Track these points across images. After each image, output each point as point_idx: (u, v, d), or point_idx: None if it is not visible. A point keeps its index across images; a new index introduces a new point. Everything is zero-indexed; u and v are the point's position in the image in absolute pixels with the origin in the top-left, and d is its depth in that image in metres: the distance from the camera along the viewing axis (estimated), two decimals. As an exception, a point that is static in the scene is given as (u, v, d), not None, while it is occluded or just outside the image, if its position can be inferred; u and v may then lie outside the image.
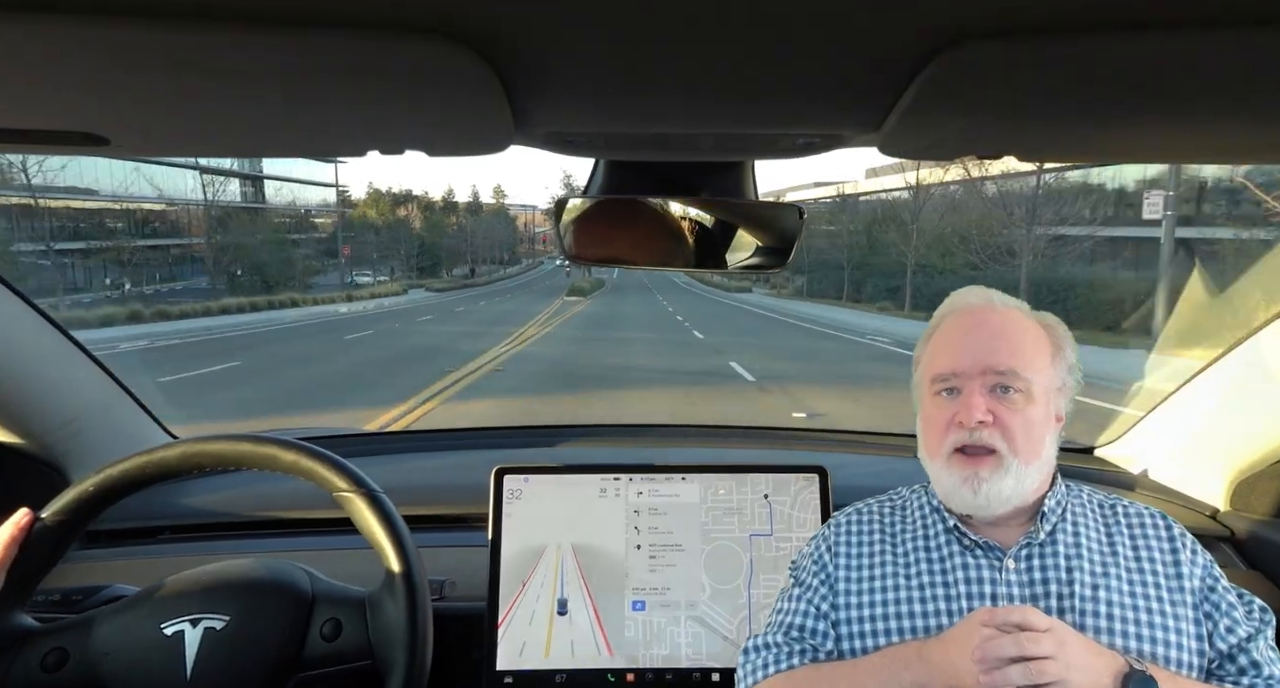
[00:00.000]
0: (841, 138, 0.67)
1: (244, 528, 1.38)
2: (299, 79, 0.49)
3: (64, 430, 1.28)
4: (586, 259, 0.90)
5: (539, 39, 0.44)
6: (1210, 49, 0.43)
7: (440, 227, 66.84)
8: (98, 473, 0.86)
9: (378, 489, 0.87)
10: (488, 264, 71.88)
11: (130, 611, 0.86)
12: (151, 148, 0.73)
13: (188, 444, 0.89)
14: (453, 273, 60.78)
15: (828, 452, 1.64)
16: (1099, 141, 0.66)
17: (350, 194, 68.21)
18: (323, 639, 0.85)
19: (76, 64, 0.46)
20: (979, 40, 0.42)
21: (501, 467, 1.25)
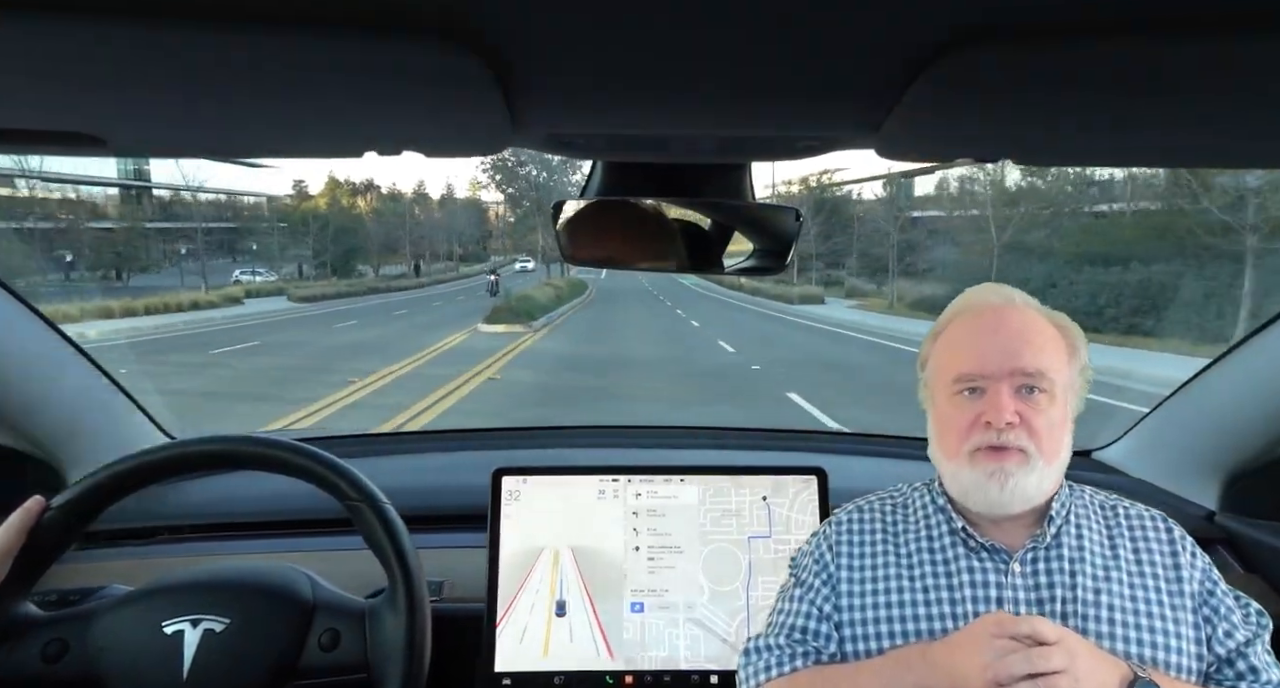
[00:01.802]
0: (840, 140, 0.67)
1: (242, 529, 1.38)
2: (295, 79, 0.49)
3: (61, 431, 1.28)
4: (584, 260, 0.91)
5: (537, 39, 0.44)
6: (1210, 52, 0.43)
7: (367, 215, 52.51)
8: (106, 467, 0.86)
9: (386, 502, 0.88)
10: (448, 260, 60.41)
11: (132, 606, 0.86)
12: (148, 149, 0.72)
13: (196, 444, 0.90)
14: (381, 271, 46.75)
15: (826, 454, 1.63)
16: (1097, 145, 0.66)
17: (308, 187, 58.10)
18: (320, 649, 0.85)
19: (74, 64, 0.46)
20: (978, 43, 0.42)
21: (500, 468, 1.25)
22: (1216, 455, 1.31)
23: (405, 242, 50.72)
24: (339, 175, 58.44)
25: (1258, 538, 1.24)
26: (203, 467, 0.94)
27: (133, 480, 0.87)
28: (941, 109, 0.53)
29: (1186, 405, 1.39)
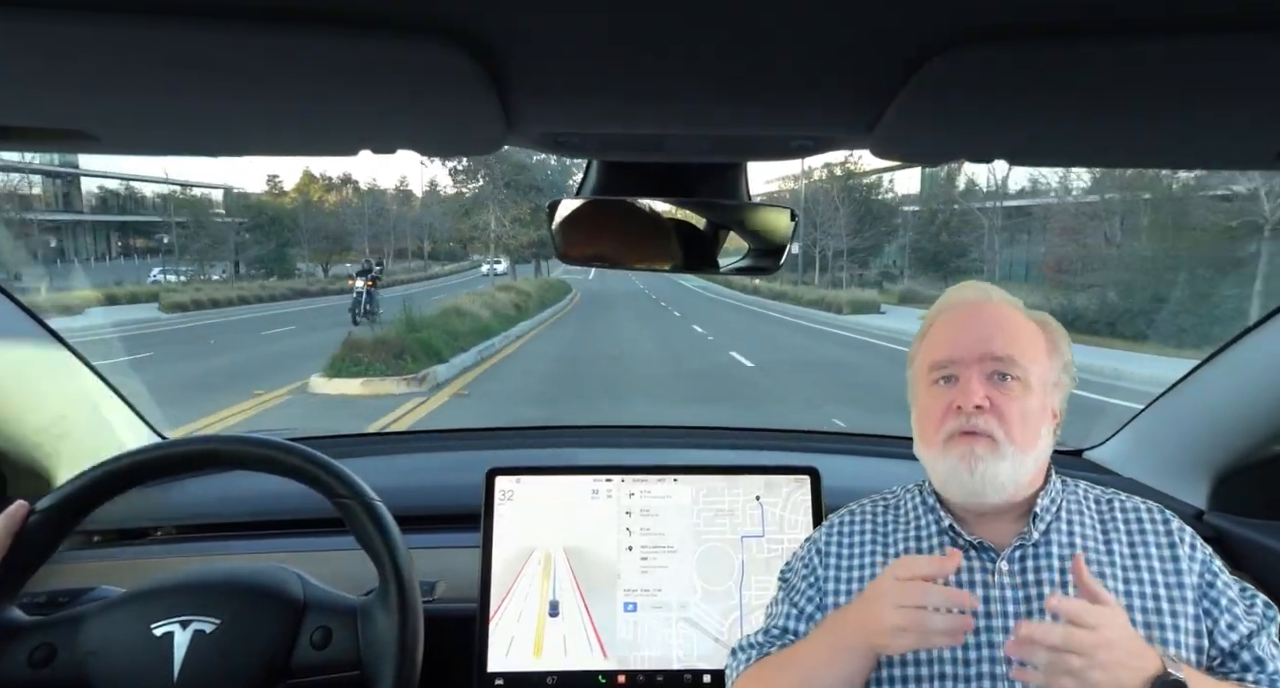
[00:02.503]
0: (834, 140, 0.67)
1: (233, 529, 1.37)
2: (290, 77, 0.49)
3: (51, 431, 1.27)
4: (578, 259, 0.91)
5: (532, 38, 0.44)
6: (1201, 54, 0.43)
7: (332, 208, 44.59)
8: (94, 468, 0.85)
9: (376, 500, 0.87)
10: (418, 259, 52.69)
11: (120, 609, 0.85)
12: (141, 146, 0.72)
13: (186, 444, 0.89)
14: (328, 272, 39.50)
15: (819, 453, 1.64)
16: (1090, 146, 0.67)
17: (282, 183, 48.08)
18: (312, 648, 0.85)
19: (66, 62, 0.46)
20: (972, 44, 0.42)
21: (493, 467, 1.24)
22: (1206, 455, 1.32)
23: (364, 237, 43.11)
24: (315, 170, 48.20)
25: (1246, 536, 1.25)
26: (191, 467, 0.93)
27: (120, 482, 0.86)
28: (935, 110, 0.53)
29: (1177, 405, 1.40)
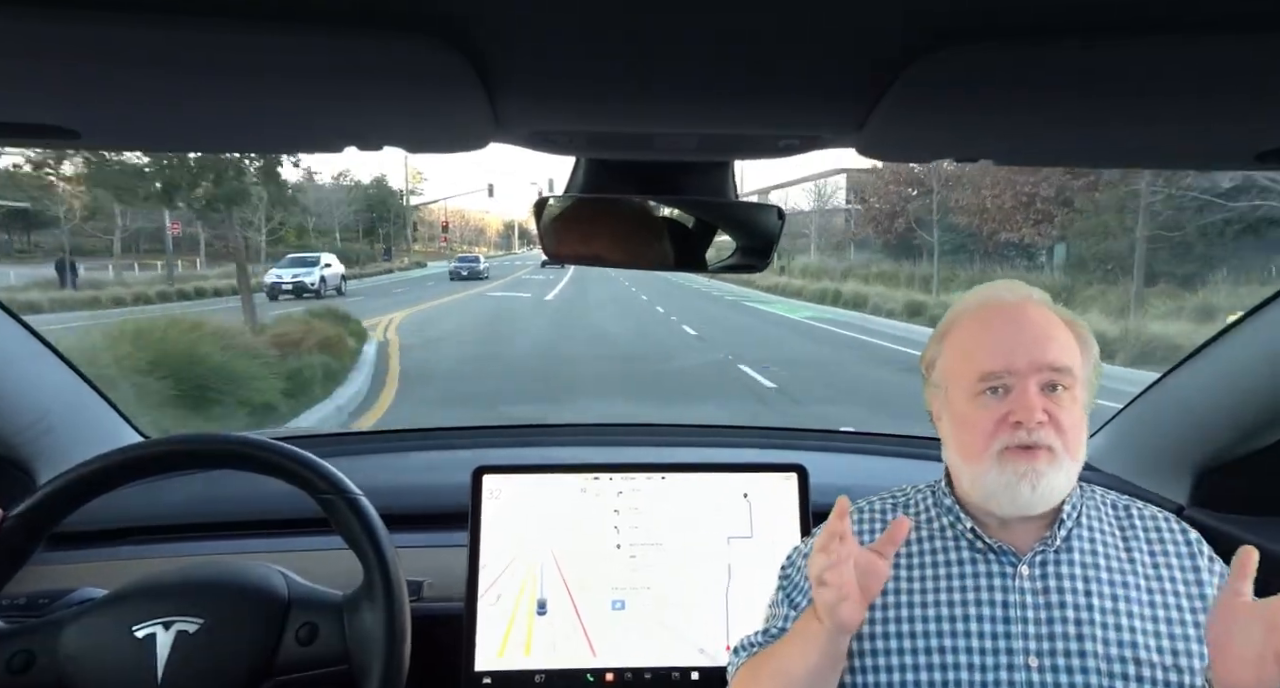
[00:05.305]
0: (822, 139, 0.67)
1: (215, 529, 1.36)
2: (274, 73, 0.48)
3: (32, 430, 1.25)
4: (568, 258, 0.90)
5: (518, 35, 0.44)
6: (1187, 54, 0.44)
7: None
8: (70, 470, 0.84)
9: (359, 493, 0.87)
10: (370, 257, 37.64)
11: (100, 613, 0.84)
12: (123, 142, 0.71)
13: (166, 443, 0.88)
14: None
15: (807, 451, 1.65)
16: (1076, 145, 0.67)
17: None
18: (298, 644, 0.84)
19: (48, 58, 0.45)
20: (959, 44, 0.43)
21: (481, 466, 1.24)
22: (1187, 451, 1.34)
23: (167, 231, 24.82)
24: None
25: (1225, 531, 1.26)
26: (173, 467, 0.91)
27: (99, 483, 0.85)
28: (923, 110, 0.54)
29: (1158, 402, 1.41)
